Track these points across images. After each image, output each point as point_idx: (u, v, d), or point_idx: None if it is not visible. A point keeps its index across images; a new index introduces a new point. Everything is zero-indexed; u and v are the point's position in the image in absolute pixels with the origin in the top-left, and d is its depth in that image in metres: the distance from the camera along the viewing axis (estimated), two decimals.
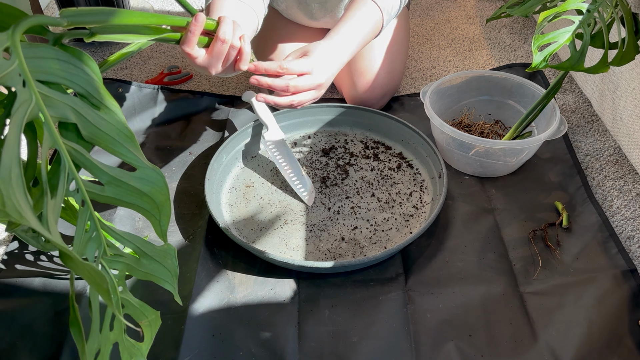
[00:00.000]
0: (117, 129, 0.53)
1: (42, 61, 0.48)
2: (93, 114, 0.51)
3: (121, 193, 0.54)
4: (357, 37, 0.86)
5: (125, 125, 0.53)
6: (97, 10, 0.55)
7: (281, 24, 1.12)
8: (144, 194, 0.54)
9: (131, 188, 0.54)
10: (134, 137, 0.54)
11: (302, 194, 0.91)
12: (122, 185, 0.53)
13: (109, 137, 0.53)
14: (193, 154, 1.02)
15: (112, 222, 0.88)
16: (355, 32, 0.86)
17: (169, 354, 0.70)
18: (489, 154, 0.90)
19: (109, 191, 0.53)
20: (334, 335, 0.73)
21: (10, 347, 0.71)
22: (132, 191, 0.54)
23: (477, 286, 0.78)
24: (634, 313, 0.74)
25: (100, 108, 0.52)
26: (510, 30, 1.37)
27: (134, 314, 0.61)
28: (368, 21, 0.87)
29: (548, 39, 0.76)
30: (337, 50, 0.83)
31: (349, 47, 0.85)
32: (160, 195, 0.55)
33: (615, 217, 0.88)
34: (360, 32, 0.86)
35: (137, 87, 1.14)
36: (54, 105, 0.48)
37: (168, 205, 0.56)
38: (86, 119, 0.51)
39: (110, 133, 0.53)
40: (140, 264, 0.58)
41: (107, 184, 0.53)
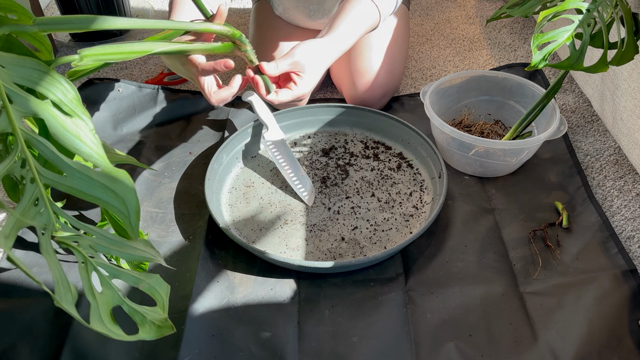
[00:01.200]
0: (83, 132, 0.56)
1: (22, 69, 0.54)
2: (62, 118, 0.55)
3: (85, 186, 0.55)
4: (351, 36, 0.87)
5: (92, 131, 0.57)
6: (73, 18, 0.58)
7: (280, 25, 1.13)
8: (110, 190, 0.56)
9: (95, 182, 0.55)
10: (100, 143, 0.56)
11: (302, 194, 0.91)
12: (85, 178, 0.55)
13: (75, 137, 0.55)
14: (193, 154, 1.02)
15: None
16: (350, 31, 0.87)
17: (169, 354, 0.70)
18: (489, 154, 0.90)
19: (72, 182, 0.55)
20: (334, 335, 0.73)
21: (10, 347, 0.72)
22: (97, 185, 0.56)
23: (477, 286, 0.78)
24: (634, 313, 0.73)
25: (72, 116, 0.56)
26: (510, 30, 1.37)
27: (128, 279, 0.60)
28: (365, 20, 0.88)
29: (547, 38, 0.76)
30: (327, 49, 0.84)
31: (342, 46, 0.86)
32: (127, 193, 0.57)
33: (615, 217, 0.88)
34: (355, 31, 0.87)
35: (137, 87, 1.14)
36: (22, 102, 0.53)
37: (136, 202, 0.57)
38: (55, 121, 0.55)
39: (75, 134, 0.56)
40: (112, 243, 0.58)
41: (70, 175, 0.55)
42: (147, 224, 0.89)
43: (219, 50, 0.76)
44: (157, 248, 0.84)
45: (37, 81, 0.55)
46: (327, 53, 0.84)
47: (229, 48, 0.76)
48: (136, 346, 0.72)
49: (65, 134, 0.55)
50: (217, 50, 0.76)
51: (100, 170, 0.55)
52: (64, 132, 0.55)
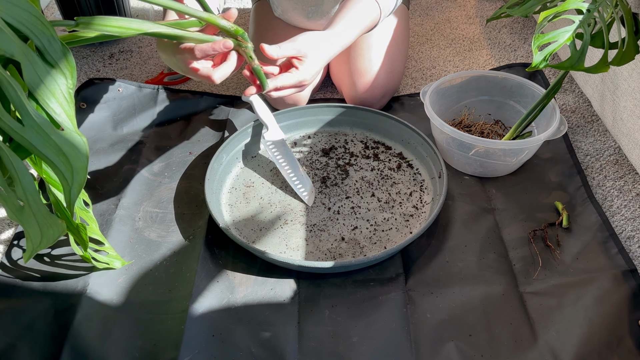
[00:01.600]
0: (60, 90, 0.54)
1: (12, 6, 0.51)
2: (42, 66, 0.52)
3: (39, 142, 0.53)
4: (352, 31, 0.87)
5: (69, 88, 0.54)
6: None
7: (280, 25, 1.13)
8: (62, 154, 0.54)
9: (52, 142, 0.53)
10: (73, 103, 0.55)
11: (302, 194, 0.91)
12: (43, 135, 0.53)
13: (48, 91, 0.53)
14: (193, 154, 1.02)
15: (112, 221, 0.88)
16: (351, 28, 0.87)
17: (169, 354, 0.70)
18: (489, 154, 0.90)
19: (28, 134, 0.52)
20: (334, 335, 0.73)
21: (10, 347, 0.71)
22: (51, 145, 0.53)
23: (477, 286, 0.78)
24: (634, 313, 0.73)
25: (54, 67, 0.53)
26: (510, 30, 1.37)
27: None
28: (366, 17, 0.88)
29: (548, 39, 0.76)
30: (329, 42, 0.84)
31: (342, 41, 0.86)
32: (78, 162, 0.55)
33: (615, 217, 0.88)
34: (356, 28, 0.88)
35: (137, 87, 1.14)
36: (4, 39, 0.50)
37: (84, 174, 0.55)
38: (32, 67, 0.52)
39: (50, 87, 0.53)
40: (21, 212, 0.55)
41: (28, 127, 0.52)
42: (147, 224, 0.89)
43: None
44: (157, 248, 0.85)
45: (24, 22, 0.51)
46: (329, 45, 0.83)
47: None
48: (136, 346, 0.72)
49: (40, 84, 0.53)
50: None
51: (62, 132, 0.53)
52: (38, 81, 0.52)
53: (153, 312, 0.76)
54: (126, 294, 0.78)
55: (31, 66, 0.52)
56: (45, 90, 0.53)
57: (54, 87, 0.54)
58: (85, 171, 0.55)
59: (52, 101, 0.54)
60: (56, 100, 0.54)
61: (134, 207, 0.91)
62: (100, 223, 0.89)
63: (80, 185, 0.56)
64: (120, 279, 0.80)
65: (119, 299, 0.77)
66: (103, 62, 1.30)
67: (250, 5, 1.57)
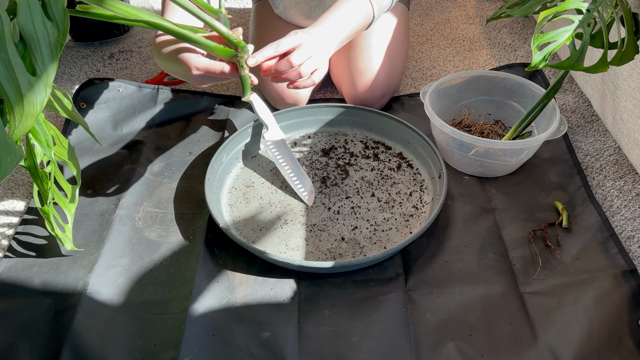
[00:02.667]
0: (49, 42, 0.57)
1: None
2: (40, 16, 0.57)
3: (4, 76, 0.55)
4: (345, 27, 0.87)
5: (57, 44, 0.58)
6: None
7: (280, 24, 1.13)
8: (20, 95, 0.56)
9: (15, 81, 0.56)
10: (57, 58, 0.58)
11: (302, 194, 0.91)
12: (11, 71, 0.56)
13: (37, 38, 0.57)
14: (193, 154, 1.02)
15: (112, 221, 0.88)
16: (343, 22, 0.87)
17: (169, 354, 0.70)
18: (489, 154, 0.90)
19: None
20: (334, 335, 0.73)
21: (10, 347, 0.72)
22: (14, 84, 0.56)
23: (477, 286, 0.78)
24: (634, 313, 0.73)
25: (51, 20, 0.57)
26: (510, 30, 1.37)
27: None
28: (357, 13, 0.88)
29: (548, 39, 0.76)
30: (327, 33, 0.85)
31: (338, 34, 0.86)
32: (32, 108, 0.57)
33: (615, 217, 0.88)
34: (348, 23, 0.88)
35: (137, 87, 1.14)
36: None
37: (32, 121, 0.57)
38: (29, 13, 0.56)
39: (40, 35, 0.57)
40: None
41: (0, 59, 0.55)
42: (147, 224, 0.89)
43: (219, 52, 0.76)
44: (157, 248, 0.85)
45: None
46: (322, 39, 0.84)
47: (229, 54, 0.77)
48: (136, 346, 0.72)
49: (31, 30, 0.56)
50: (218, 51, 0.76)
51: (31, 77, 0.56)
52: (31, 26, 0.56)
53: (153, 312, 0.76)
54: (126, 294, 0.78)
55: (29, 11, 0.56)
56: (35, 37, 0.57)
57: (44, 36, 0.57)
58: (33, 119, 0.58)
59: (37, 48, 0.57)
60: (40, 49, 0.57)
61: (134, 207, 0.91)
62: (100, 223, 0.89)
63: (24, 129, 0.58)
64: (120, 279, 0.80)
65: (119, 299, 0.77)
66: (103, 62, 1.30)
67: (250, 5, 1.57)
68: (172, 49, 0.79)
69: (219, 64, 0.76)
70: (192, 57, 0.76)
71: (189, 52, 0.77)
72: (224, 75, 0.77)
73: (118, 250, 0.84)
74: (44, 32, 0.57)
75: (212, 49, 0.75)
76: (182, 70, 0.78)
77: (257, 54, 0.79)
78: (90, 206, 0.92)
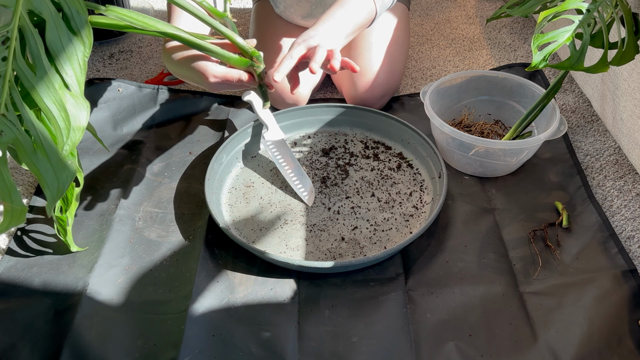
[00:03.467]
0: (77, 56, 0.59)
1: None
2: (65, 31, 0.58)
3: (47, 94, 0.58)
4: (348, 23, 0.87)
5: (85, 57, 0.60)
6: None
7: (280, 24, 1.13)
8: (65, 110, 0.58)
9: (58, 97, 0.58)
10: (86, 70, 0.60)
11: (302, 194, 0.91)
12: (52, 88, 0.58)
13: (65, 53, 0.58)
14: (193, 154, 1.02)
15: (112, 221, 0.88)
16: (346, 19, 0.86)
17: (169, 354, 0.70)
18: (489, 154, 0.90)
19: (38, 84, 0.57)
20: (334, 335, 0.73)
21: (10, 347, 0.72)
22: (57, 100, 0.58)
23: (477, 286, 0.78)
24: (634, 313, 0.73)
25: (76, 34, 0.59)
26: (510, 30, 1.37)
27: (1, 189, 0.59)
28: (359, 10, 0.88)
29: (548, 39, 0.76)
30: (331, 29, 0.84)
31: (343, 29, 0.86)
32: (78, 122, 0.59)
33: (615, 217, 0.88)
34: (351, 19, 0.87)
35: (137, 87, 1.14)
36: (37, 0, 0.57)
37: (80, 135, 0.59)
38: (56, 29, 0.58)
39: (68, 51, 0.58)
40: (34, 153, 0.59)
41: (40, 77, 0.57)
42: (147, 224, 0.89)
43: (235, 62, 0.76)
44: (157, 248, 0.85)
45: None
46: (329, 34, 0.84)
47: (245, 63, 0.76)
48: (136, 346, 0.72)
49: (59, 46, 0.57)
50: (234, 61, 0.76)
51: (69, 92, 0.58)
52: (58, 43, 0.57)
53: (153, 312, 0.76)
54: (126, 294, 0.78)
55: (55, 28, 0.58)
56: (63, 53, 0.58)
57: (71, 51, 0.59)
58: (81, 133, 0.59)
59: (66, 63, 0.59)
60: (70, 63, 0.59)
61: (134, 207, 0.91)
62: (100, 223, 0.89)
63: (73, 144, 0.59)
64: (120, 279, 0.80)
65: (119, 299, 0.77)
66: (103, 62, 1.30)
67: (250, 5, 1.57)
68: (186, 56, 0.79)
69: (237, 72, 0.76)
70: (209, 65, 0.76)
71: (203, 59, 0.77)
72: (241, 83, 0.77)
73: (118, 250, 0.84)
74: (72, 48, 0.59)
75: (229, 60, 0.75)
76: (198, 77, 0.77)
77: (280, 68, 0.78)
78: (90, 206, 0.92)
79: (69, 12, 0.59)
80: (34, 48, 0.57)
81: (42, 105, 0.57)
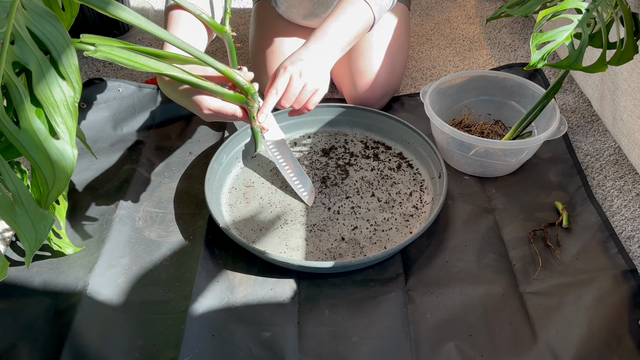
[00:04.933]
0: (66, 102, 0.58)
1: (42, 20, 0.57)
2: (54, 77, 0.57)
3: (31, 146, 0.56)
4: (345, 35, 0.86)
5: (75, 102, 0.58)
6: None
7: (281, 24, 1.13)
8: (49, 161, 0.57)
9: (42, 149, 0.56)
10: (76, 115, 0.58)
11: (302, 194, 0.91)
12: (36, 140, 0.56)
13: (54, 101, 0.57)
14: (193, 154, 1.02)
15: (112, 221, 0.88)
16: (343, 31, 0.86)
17: (169, 354, 0.70)
18: (489, 154, 0.90)
19: (21, 137, 0.56)
20: (334, 335, 0.73)
21: (10, 347, 0.72)
22: (41, 151, 0.57)
23: (477, 286, 0.78)
24: (634, 313, 0.73)
25: (65, 79, 0.57)
26: (510, 30, 1.37)
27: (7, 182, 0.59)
28: (356, 19, 0.87)
29: (546, 38, 0.76)
30: (325, 47, 0.84)
31: (338, 44, 0.85)
32: (62, 172, 0.58)
33: (615, 217, 0.88)
34: (348, 31, 0.86)
35: (137, 87, 1.14)
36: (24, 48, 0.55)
37: (65, 183, 0.58)
38: (44, 76, 0.56)
39: (57, 98, 0.57)
40: (12, 210, 0.58)
41: (24, 130, 0.56)
42: (147, 224, 0.89)
43: (231, 98, 0.75)
44: (157, 248, 0.85)
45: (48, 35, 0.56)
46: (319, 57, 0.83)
47: (240, 99, 0.76)
48: (136, 346, 0.72)
49: (47, 94, 0.56)
50: (229, 97, 0.75)
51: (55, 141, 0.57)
52: (47, 91, 0.56)
53: (153, 312, 0.76)
54: (126, 294, 0.78)
55: (43, 76, 0.56)
56: (52, 100, 0.57)
57: (60, 98, 0.57)
58: (66, 181, 0.58)
59: (55, 111, 0.57)
60: (59, 110, 0.57)
61: (134, 207, 0.91)
62: (100, 223, 0.89)
63: (58, 192, 0.58)
64: (120, 279, 0.80)
65: (119, 299, 0.77)
66: (103, 62, 1.30)
67: (251, 5, 1.57)
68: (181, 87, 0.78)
69: (231, 107, 0.76)
70: (204, 97, 0.75)
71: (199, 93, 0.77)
72: (235, 119, 0.78)
73: (118, 250, 0.84)
74: (61, 95, 0.57)
75: (224, 95, 0.75)
76: (192, 106, 0.78)
77: (264, 108, 0.79)
78: (90, 206, 0.92)
79: (57, 56, 0.57)
80: (19, 101, 0.55)
81: (26, 156, 0.56)
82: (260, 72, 1.11)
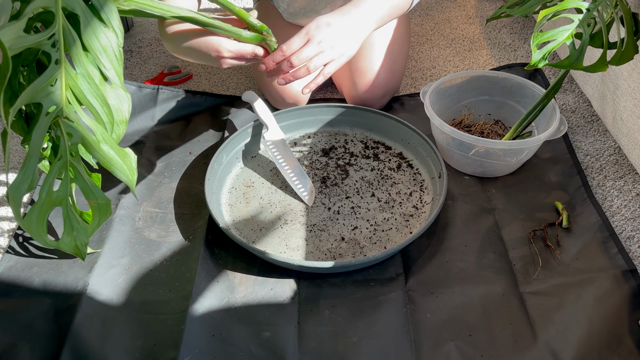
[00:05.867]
0: (111, 47, 0.60)
1: None
2: (98, 24, 0.60)
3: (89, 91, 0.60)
4: (383, 6, 0.84)
5: (119, 46, 0.61)
6: None
7: (281, 24, 1.12)
8: (107, 105, 0.61)
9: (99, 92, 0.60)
10: (122, 60, 0.62)
11: (302, 194, 0.91)
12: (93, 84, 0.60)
13: (101, 46, 0.60)
14: (193, 154, 1.02)
15: (112, 221, 0.88)
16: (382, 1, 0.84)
17: (169, 354, 0.70)
18: (489, 154, 0.90)
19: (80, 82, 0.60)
20: (334, 335, 0.73)
21: (10, 347, 0.72)
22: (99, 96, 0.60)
23: (477, 286, 0.78)
24: (634, 313, 0.73)
25: (107, 25, 0.60)
26: (510, 30, 1.37)
27: (83, 189, 0.63)
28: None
29: (547, 37, 0.76)
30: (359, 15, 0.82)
31: (373, 15, 0.83)
32: (121, 115, 0.62)
33: (615, 217, 0.88)
34: (387, 2, 0.84)
35: (137, 87, 1.14)
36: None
37: (124, 128, 0.63)
38: (89, 23, 0.59)
39: (103, 43, 0.60)
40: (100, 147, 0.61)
41: (80, 75, 0.59)
42: (147, 224, 0.89)
43: (247, 39, 0.78)
44: (157, 248, 0.85)
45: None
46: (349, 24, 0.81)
47: (257, 39, 0.79)
48: (136, 346, 0.72)
49: (94, 40, 0.59)
50: (245, 38, 0.78)
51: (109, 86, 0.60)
52: (93, 36, 0.58)
53: (153, 312, 0.76)
54: (126, 294, 0.78)
55: (88, 22, 0.59)
56: (98, 46, 0.59)
57: (106, 44, 0.60)
58: (125, 125, 0.62)
59: (103, 56, 0.60)
60: (107, 55, 0.60)
61: (134, 207, 0.91)
62: None
63: (118, 138, 0.62)
64: (120, 279, 0.80)
65: (119, 299, 0.77)
66: None
67: (251, 5, 1.57)
68: (194, 36, 0.79)
69: (251, 47, 0.78)
70: (223, 41, 0.77)
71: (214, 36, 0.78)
72: (255, 58, 0.78)
73: (118, 250, 0.84)
74: (106, 40, 0.60)
75: (240, 36, 0.77)
76: (209, 53, 0.78)
77: (267, 59, 0.79)
78: None
79: (97, 4, 0.59)
80: (73, 46, 0.58)
81: (85, 102, 0.59)
82: (261, 72, 1.11)
